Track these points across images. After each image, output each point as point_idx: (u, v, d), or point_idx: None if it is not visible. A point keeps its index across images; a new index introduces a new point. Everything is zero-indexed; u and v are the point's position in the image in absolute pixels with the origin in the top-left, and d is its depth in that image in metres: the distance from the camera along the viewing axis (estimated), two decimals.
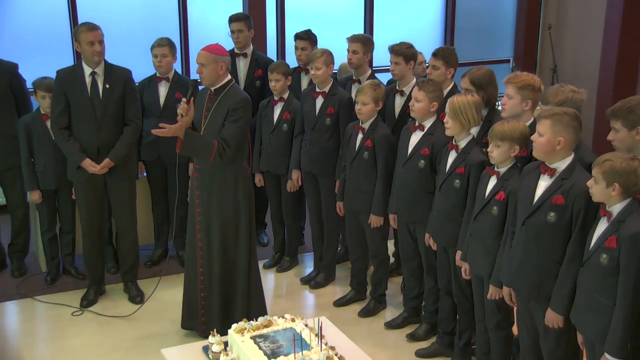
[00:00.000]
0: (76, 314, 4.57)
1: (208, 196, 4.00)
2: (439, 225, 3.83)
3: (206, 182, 4.00)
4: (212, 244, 4.05)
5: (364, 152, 4.29)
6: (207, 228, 4.04)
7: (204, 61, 3.86)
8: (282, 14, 6.87)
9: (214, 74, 3.89)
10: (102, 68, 4.39)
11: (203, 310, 4.12)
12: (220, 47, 3.96)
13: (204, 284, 4.09)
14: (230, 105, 3.88)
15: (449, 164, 3.75)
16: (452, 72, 4.35)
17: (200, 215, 4.04)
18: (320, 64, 4.62)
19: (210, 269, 4.07)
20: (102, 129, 4.39)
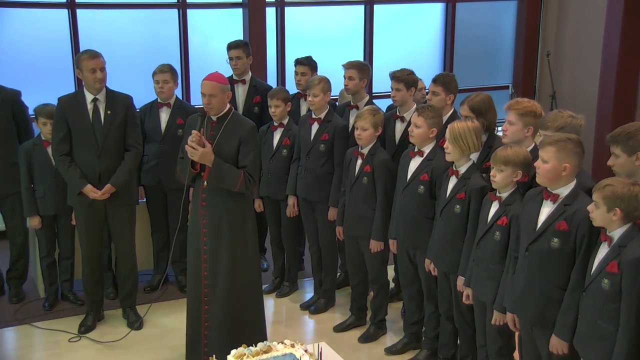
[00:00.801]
0: (73, 340, 4.54)
1: (217, 227, 3.92)
2: (439, 250, 3.82)
3: (215, 212, 3.92)
4: (219, 275, 3.96)
5: (363, 178, 4.29)
6: (214, 259, 3.95)
7: (213, 92, 3.84)
8: (282, 40, 6.93)
9: (222, 103, 3.89)
10: (104, 94, 4.41)
11: (206, 340, 4.03)
12: (223, 76, 3.96)
13: (209, 313, 4.00)
14: (241, 134, 3.87)
15: (450, 190, 3.75)
16: (452, 98, 4.37)
17: (207, 244, 3.94)
18: (317, 91, 4.64)
19: (215, 300, 3.97)
20: (103, 155, 4.39)
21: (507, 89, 7.82)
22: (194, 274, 4.03)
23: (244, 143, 3.88)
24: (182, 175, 3.93)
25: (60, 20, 6.19)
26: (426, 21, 7.63)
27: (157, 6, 6.56)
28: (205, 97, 3.86)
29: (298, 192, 4.82)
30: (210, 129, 3.92)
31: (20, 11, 6.09)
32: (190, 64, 6.60)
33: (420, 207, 3.98)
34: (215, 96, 3.85)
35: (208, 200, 3.93)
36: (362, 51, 7.29)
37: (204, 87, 3.86)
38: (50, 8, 6.19)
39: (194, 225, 3.99)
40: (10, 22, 6.07)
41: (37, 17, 6.14)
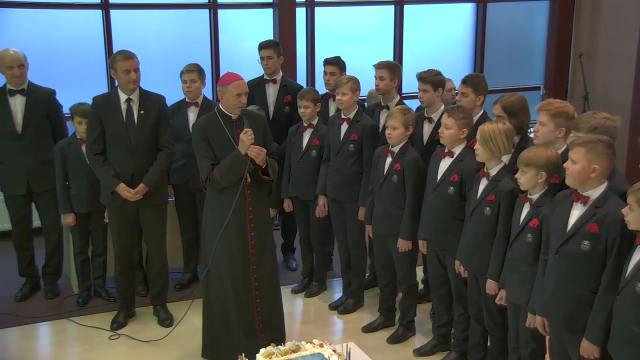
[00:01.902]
0: (113, 337, 4.56)
1: (262, 223, 4.06)
2: (469, 252, 3.80)
3: (260, 208, 4.05)
4: (263, 270, 4.07)
5: (393, 176, 4.29)
6: (260, 255, 4.07)
7: (247, 89, 3.98)
8: (312, 40, 6.94)
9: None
10: (137, 95, 4.45)
11: (262, 334, 4.07)
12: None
13: (260, 307, 4.08)
14: (263, 125, 4.05)
15: (480, 192, 3.74)
16: (481, 99, 4.35)
17: (255, 239, 4.04)
18: (346, 89, 4.64)
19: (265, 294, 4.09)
20: (136, 155, 4.43)
21: (539, 90, 7.74)
22: (241, 269, 4.02)
23: (266, 132, 4.05)
24: (227, 180, 3.91)
25: (95, 21, 6.27)
26: (457, 21, 7.59)
27: (189, 7, 6.61)
28: (243, 96, 3.95)
29: (327, 192, 4.84)
30: (235, 128, 3.96)
31: (56, 12, 6.18)
32: (221, 64, 6.64)
33: (449, 208, 3.97)
34: (246, 95, 3.96)
35: (252, 195, 4.00)
36: (392, 51, 7.28)
37: (244, 87, 3.95)
38: (85, 9, 6.27)
39: (238, 223, 3.98)
40: (46, 23, 6.15)
41: (72, 18, 6.22)
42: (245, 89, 3.96)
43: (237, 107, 3.96)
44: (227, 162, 3.91)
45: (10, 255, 5.33)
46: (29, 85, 4.89)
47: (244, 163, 3.88)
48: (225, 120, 3.99)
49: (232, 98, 3.93)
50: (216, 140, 3.96)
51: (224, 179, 3.91)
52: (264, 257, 4.07)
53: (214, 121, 3.99)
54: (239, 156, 3.88)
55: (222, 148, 3.95)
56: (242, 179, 3.90)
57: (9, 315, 4.83)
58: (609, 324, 2.96)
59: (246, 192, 3.98)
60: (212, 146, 3.95)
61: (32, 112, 4.85)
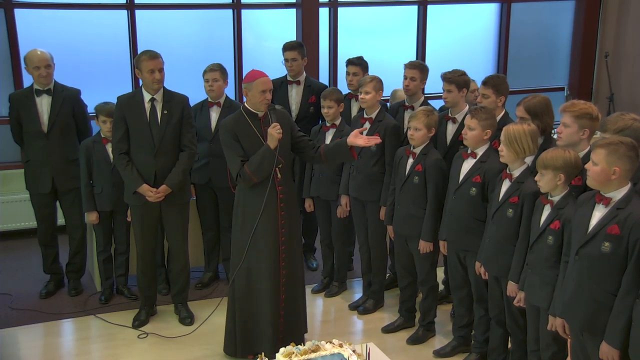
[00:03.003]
0: (142, 336, 4.58)
1: (293, 220, 4.09)
2: (490, 254, 3.78)
3: (290, 204, 4.07)
4: (292, 267, 4.09)
5: (415, 177, 4.29)
6: (290, 252, 4.08)
7: (272, 86, 4.04)
8: (335, 40, 6.95)
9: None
10: (161, 95, 4.47)
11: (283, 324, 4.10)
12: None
13: (285, 302, 4.11)
14: (290, 122, 4.12)
15: (503, 193, 3.72)
16: (502, 100, 4.33)
17: (285, 235, 4.05)
18: (369, 88, 4.64)
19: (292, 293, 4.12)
20: (159, 155, 4.45)
21: (563, 91, 7.66)
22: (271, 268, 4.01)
23: (293, 129, 4.12)
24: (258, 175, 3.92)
25: (120, 21, 6.33)
26: (480, 21, 7.54)
27: (212, 7, 6.64)
28: (267, 92, 3.97)
29: (349, 191, 4.84)
30: (261, 125, 3.98)
31: (82, 13, 6.24)
32: (244, 64, 6.66)
33: (471, 209, 3.96)
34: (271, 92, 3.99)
35: (284, 191, 4.01)
36: (415, 51, 7.25)
37: (269, 83, 3.99)
38: (110, 9, 6.33)
39: (269, 219, 3.98)
40: (72, 23, 6.22)
41: (97, 18, 6.28)
42: (270, 86, 3.99)
43: (262, 103, 3.97)
44: (257, 158, 3.92)
45: (36, 252, 5.41)
46: (55, 85, 4.95)
47: (274, 156, 3.89)
48: (251, 118, 4.01)
49: (258, 95, 3.95)
50: (245, 138, 3.98)
51: (255, 175, 3.92)
52: (293, 254, 4.09)
53: (242, 119, 4.01)
54: (269, 150, 3.90)
55: (251, 145, 3.96)
56: (271, 175, 3.92)
57: (34, 312, 4.89)
58: (629, 327, 2.93)
59: (277, 187, 3.99)
60: (241, 144, 3.97)
61: (58, 111, 4.90)
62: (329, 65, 6.98)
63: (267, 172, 3.91)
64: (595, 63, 7.66)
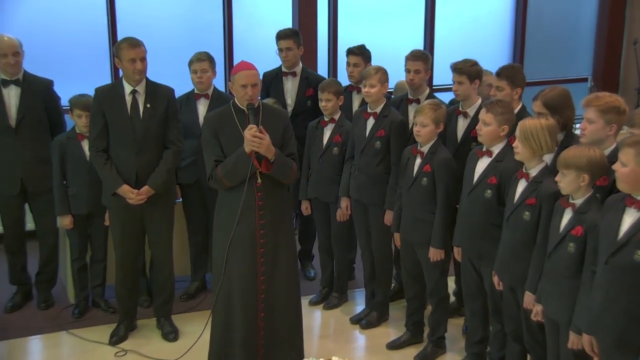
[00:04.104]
0: (120, 354, 4.55)
1: (277, 230, 3.96)
2: (505, 262, 3.78)
3: (273, 212, 3.95)
4: (276, 281, 3.98)
5: (423, 178, 4.30)
6: (271, 264, 3.96)
7: (257, 81, 3.93)
8: (334, 26, 6.95)
9: (258, 93, 3.99)
10: (144, 86, 4.46)
11: (263, 349, 4.01)
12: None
13: (265, 321, 3.99)
14: (284, 122, 4.02)
15: (518, 194, 3.71)
16: (518, 92, 4.34)
17: (265, 247, 3.93)
18: (374, 81, 4.63)
19: (273, 308, 4.00)
20: (142, 152, 4.45)
21: (586, 82, 7.67)
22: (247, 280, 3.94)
23: (287, 130, 3.98)
24: (230, 179, 3.87)
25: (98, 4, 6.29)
26: (494, 4, 7.55)
27: None
28: (248, 87, 3.87)
29: (351, 193, 4.85)
30: (248, 122, 3.87)
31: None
32: (235, 52, 6.66)
33: (486, 213, 3.95)
34: (257, 85, 3.92)
35: (264, 198, 3.92)
36: (422, 38, 7.27)
37: (251, 77, 3.87)
38: None
39: (246, 227, 3.91)
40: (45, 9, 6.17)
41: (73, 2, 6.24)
42: (252, 80, 3.86)
43: (243, 99, 3.91)
44: (231, 160, 3.85)
45: (0, 261, 5.37)
46: (24, 75, 4.91)
47: (248, 161, 3.78)
48: (239, 115, 3.95)
49: (239, 89, 3.89)
50: (228, 136, 3.92)
51: (227, 178, 3.86)
52: (277, 269, 3.97)
53: (228, 115, 3.96)
54: (243, 154, 3.80)
55: (233, 145, 3.89)
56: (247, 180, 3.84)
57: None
58: None
59: (256, 194, 3.90)
60: (221, 142, 3.92)
61: (28, 104, 4.85)
62: (327, 55, 6.99)
63: (241, 177, 3.84)
64: (623, 51, 7.66)
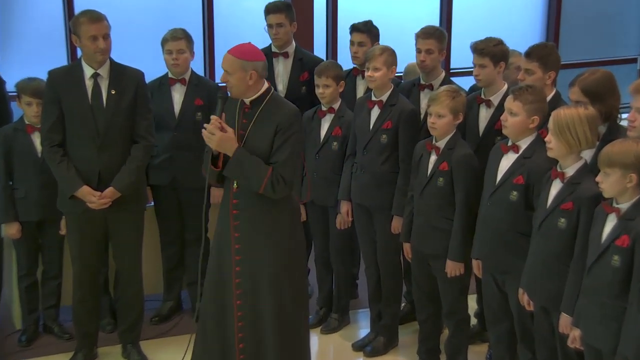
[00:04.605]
0: None
1: (253, 240, 3.95)
2: (537, 278, 3.76)
3: (250, 223, 3.94)
4: (259, 300, 3.98)
5: (438, 178, 4.28)
6: (251, 281, 3.96)
7: (228, 68, 3.85)
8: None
9: (241, 84, 3.86)
10: (107, 69, 4.45)
11: None
12: (251, 49, 3.91)
13: (245, 353, 4.01)
14: (279, 121, 3.86)
15: (552, 198, 3.69)
16: (552, 76, 4.33)
17: (241, 264, 3.95)
18: (379, 63, 4.62)
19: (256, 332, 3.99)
20: (105, 148, 4.43)
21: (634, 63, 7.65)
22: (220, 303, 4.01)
23: (280, 133, 3.84)
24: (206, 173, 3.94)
25: None
26: None
27: None
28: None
29: (353, 196, 4.85)
30: (242, 117, 3.92)
31: None
32: (216, 29, 6.71)
33: (512, 219, 3.95)
34: (232, 74, 3.84)
35: (240, 207, 3.93)
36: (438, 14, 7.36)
37: (222, 61, 3.88)
38: None
39: (223, 234, 4.00)
40: None
41: None
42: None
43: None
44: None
45: None
46: None
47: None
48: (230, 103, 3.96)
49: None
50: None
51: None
52: (258, 290, 3.96)
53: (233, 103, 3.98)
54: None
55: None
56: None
57: None
58: None
59: (231, 201, 3.94)
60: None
61: None
62: (326, 32, 7.06)
63: (209, 176, 3.91)
64: None
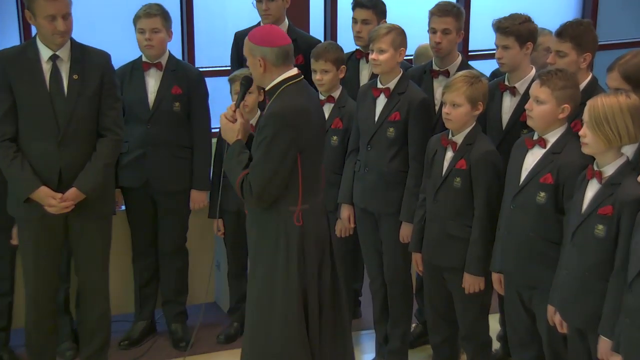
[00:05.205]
0: None
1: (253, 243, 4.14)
2: (570, 294, 3.76)
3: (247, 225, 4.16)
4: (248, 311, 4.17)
5: (455, 179, 4.31)
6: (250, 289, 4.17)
7: (246, 52, 4.05)
8: None
9: (254, 70, 4.04)
10: (68, 51, 4.44)
11: None
12: (266, 32, 4.06)
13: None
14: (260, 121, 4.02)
15: (588, 201, 3.70)
16: (587, 59, 4.35)
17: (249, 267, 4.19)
18: (385, 44, 4.63)
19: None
20: (67, 142, 4.42)
21: None
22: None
23: (258, 131, 3.95)
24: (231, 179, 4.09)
25: None
26: None
27: None
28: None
29: (355, 199, 4.87)
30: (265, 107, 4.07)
31: None
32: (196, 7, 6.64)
33: (539, 225, 3.98)
34: (247, 58, 4.03)
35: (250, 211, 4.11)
36: None
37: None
38: None
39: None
40: None
41: None
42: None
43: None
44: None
45: None
46: None
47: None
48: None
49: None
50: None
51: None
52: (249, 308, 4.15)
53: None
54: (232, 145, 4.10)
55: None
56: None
57: None
58: None
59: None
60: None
61: None
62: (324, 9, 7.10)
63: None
64: None
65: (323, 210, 4.17)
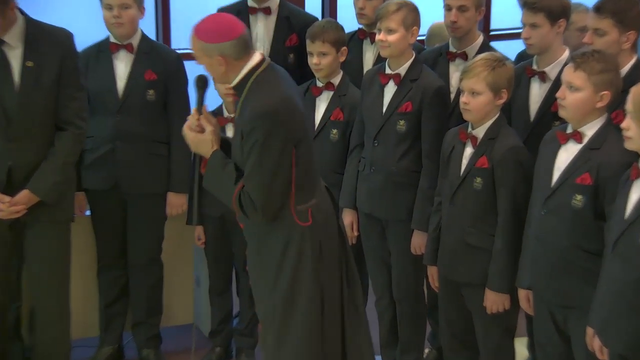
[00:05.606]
0: None
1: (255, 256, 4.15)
2: (612, 315, 3.69)
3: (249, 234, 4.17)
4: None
5: (476, 179, 4.28)
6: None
7: (194, 51, 3.99)
8: None
9: (213, 71, 3.99)
10: (19, 34, 4.45)
11: None
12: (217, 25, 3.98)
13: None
14: (243, 121, 3.94)
15: (632, 205, 3.65)
16: (631, 38, 4.31)
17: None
18: (395, 23, 4.62)
19: None
20: (18, 137, 4.47)
21: None
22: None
23: (245, 137, 3.89)
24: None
25: None
26: None
27: None
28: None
29: (359, 203, 4.90)
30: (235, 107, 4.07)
31: None
32: None
33: (575, 233, 3.94)
34: (199, 59, 3.97)
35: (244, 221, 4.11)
36: None
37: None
38: None
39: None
40: None
41: None
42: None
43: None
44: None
45: None
46: None
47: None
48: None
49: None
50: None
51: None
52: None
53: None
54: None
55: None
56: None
57: None
58: None
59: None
60: None
61: None
62: None
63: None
64: None
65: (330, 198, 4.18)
